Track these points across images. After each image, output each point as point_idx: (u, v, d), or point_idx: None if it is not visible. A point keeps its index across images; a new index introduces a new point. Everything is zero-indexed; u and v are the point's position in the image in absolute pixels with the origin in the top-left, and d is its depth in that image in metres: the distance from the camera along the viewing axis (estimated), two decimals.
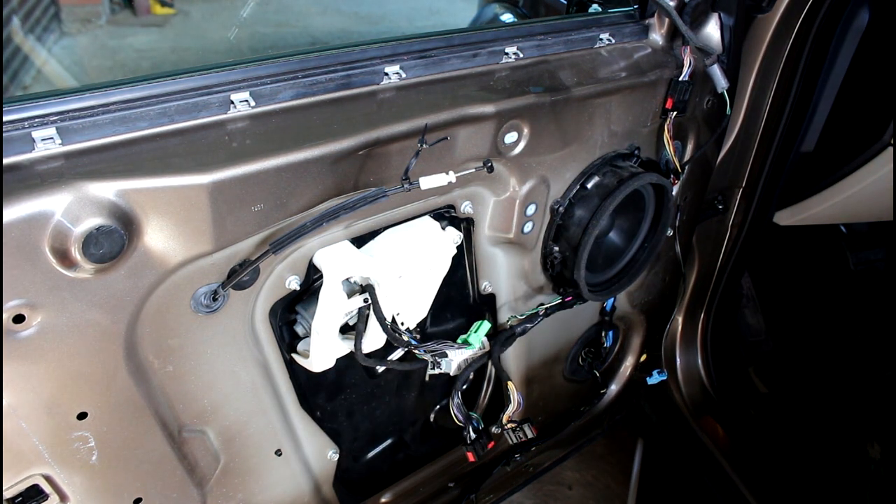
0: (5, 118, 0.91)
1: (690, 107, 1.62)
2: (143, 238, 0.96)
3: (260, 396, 1.32)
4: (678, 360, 2.35)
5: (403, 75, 1.24)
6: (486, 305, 1.64)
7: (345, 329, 1.32)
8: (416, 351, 1.43)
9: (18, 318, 0.90)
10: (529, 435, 1.75)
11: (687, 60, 1.54)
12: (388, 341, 1.36)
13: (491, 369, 1.80)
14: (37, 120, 0.93)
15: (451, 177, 1.17)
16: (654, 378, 2.17)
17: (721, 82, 1.55)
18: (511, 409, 1.71)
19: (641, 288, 1.99)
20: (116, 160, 0.95)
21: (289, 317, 1.33)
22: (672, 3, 1.49)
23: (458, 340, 1.49)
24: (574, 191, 1.53)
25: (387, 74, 1.22)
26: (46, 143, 0.92)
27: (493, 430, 1.83)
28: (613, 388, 2.26)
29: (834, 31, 1.72)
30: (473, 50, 1.33)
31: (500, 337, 1.64)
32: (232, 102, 1.07)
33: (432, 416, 1.84)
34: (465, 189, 1.38)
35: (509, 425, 1.75)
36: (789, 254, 2.45)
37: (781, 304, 2.50)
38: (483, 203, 1.44)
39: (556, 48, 1.45)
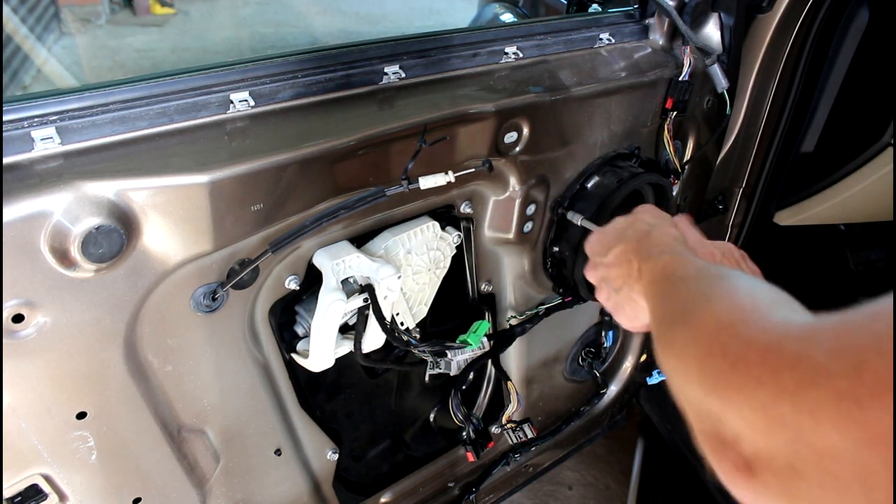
0: (5, 118, 0.91)
1: (690, 107, 1.62)
2: (142, 238, 0.96)
3: (260, 396, 1.32)
4: None
5: (403, 75, 1.23)
6: (486, 305, 1.64)
7: (345, 329, 1.32)
8: (416, 351, 1.43)
9: (18, 318, 0.90)
10: (529, 435, 1.75)
11: (687, 60, 1.54)
12: (387, 341, 1.36)
13: (491, 369, 1.80)
14: (36, 119, 0.92)
15: (451, 176, 1.16)
16: (654, 378, 2.17)
17: (721, 82, 1.55)
18: (511, 409, 1.71)
19: None
20: (116, 160, 0.95)
21: (288, 317, 1.33)
22: (672, 3, 1.49)
23: (458, 340, 1.49)
24: (574, 190, 1.53)
25: (386, 74, 1.22)
26: (46, 143, 0.92)
27: (493, 430, 1.83)
28: (613, 388, 2.25)
29: (834, 31, 1.72)
30: (473, 50, 1.33)
31: (500, 337, 1.64)
32: (231, 102, 1.07)
33: (432, 416, 1.83)
34: (465, 189, 1.38)
35: (509, 425, 1.75)
36: (789, 254, 2.44)
37: None
38: (483, 203, 1.44)
39: (556, 48, 1.45)
